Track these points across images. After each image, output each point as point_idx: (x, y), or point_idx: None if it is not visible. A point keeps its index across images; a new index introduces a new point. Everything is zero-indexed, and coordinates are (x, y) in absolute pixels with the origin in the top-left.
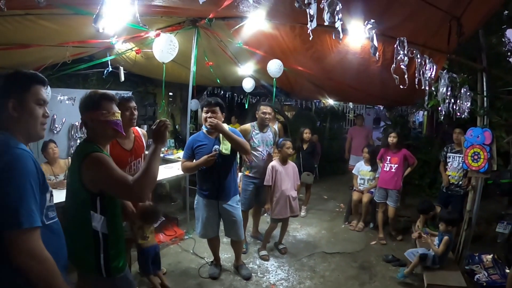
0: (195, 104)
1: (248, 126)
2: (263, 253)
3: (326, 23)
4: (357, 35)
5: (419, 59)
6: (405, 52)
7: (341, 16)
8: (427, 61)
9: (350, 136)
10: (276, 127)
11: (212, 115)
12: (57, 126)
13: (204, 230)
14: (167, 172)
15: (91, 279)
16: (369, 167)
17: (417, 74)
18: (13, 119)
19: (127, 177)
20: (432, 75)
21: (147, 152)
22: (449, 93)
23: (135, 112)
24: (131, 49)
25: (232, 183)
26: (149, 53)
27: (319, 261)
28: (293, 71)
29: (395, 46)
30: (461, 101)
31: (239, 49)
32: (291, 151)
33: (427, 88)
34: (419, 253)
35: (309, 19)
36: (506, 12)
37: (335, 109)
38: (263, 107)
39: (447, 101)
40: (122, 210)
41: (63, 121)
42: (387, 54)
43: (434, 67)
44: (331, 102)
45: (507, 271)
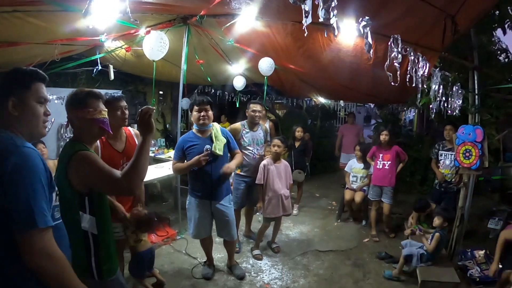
0: (186, 102)
1: (238, 125)
2: (256, 252)
3: (320, 19)
4: (349, 33)
5: (412, 57)
6: (399, 49)
7: (336, 12)
8: (420, 58)
9: (341, 133)
10: (267, 125)
11: (204, 114)
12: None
13: (196, 230)
14: (158, 171)
15: (82, 282)
16: (362, 165)
17: (409, 72)
18: (14, 117)
19: (116, 172)
20: (425, 73)
21: None
22: (441, 91)
23: (126, 111)
24: (121, 47)
25: (224, 182)
26: (139, 51)
27: (313, 259)
28: (284, 69)
29: (389, 43)
30: (452, 99)
31: (230, 47)
32: (276, 149)
33: (420, 85)
34: (404, 254)
35: (304, 15)
36: (497, 12)
37: (326, 107)
38: (252, 105)
39: (438, 99)
40: (111, 212)
41: (52, 121)
42: (379, 52)
43: (427, 65)
44: (322, 100)
45: (500, 266)
